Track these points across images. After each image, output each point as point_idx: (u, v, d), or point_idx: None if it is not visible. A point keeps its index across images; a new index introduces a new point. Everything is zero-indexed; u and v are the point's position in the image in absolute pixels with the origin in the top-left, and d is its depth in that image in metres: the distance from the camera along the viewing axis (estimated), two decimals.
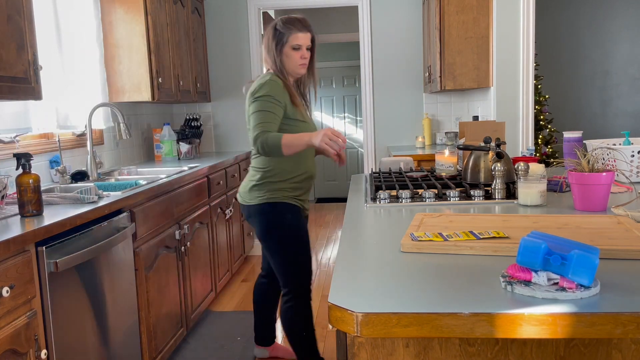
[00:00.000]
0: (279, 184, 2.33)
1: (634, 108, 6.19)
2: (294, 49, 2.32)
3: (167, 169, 3.49)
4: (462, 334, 0.90)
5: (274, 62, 2.34)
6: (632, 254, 1.15)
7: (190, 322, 3.11)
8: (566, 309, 0.89)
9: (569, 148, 2.24)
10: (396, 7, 4.69)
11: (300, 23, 2.33)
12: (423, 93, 4.75)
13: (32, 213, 1.94)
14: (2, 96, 2.03)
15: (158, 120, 4.52)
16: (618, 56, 6.12)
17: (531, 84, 3.76)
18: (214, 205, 3.65)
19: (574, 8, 6.11)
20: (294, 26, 2.31)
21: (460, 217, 1.55)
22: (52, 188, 2.56)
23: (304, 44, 2.33)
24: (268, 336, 2.82)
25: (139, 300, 2.47)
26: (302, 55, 2.34)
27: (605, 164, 2.04)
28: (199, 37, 4.49)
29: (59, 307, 1.85)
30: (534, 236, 1.01)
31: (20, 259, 1.67)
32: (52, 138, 2.97)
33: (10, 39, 2.08)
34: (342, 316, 0.94)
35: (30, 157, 1.97)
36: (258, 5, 4.74)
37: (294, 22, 2.33)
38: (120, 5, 3.39)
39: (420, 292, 1.01)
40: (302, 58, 2.34)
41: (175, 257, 2.93)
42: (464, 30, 3.89)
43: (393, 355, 1.01)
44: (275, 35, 2.33)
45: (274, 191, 2.33)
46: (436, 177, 2.31)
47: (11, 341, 1.60)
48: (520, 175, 1.78)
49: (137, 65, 3.42)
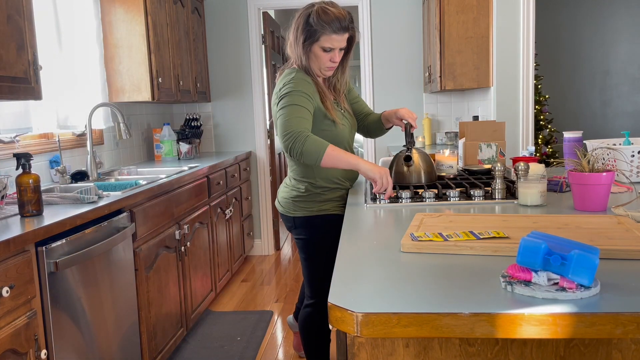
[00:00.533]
0: (328, 194, 2.14)
1: (634, 108, 6.19)
2: (324, 50, 2.03)
3: (167, 169, 3.49)
4: (462, 334, 0.90)
5: (299, 56, 2.06)
6: (632, 254, 1.15)
7: (190, 322, 3.11)
8: (566, 309, 0.89)
9: (569, 148, 2.24)
10: (396, 7, 4.69)
11: (339, 22, 1.99)
12: (423, 93, 4.75)
13: (32, 213, 1.94)
14: (2, 96, 2.03)
15: (158, 120, 4.52)
16: (618, 56, 6.12)
17: (531, 84, 3.76)
18: (214, 205, 3.65)
19: (574, 8, 6.11)
20: (329, 26, 1.99)
21: (460, 217, 1.55)
22: (52, 188, 2.56)
23: (337, 47, 2.03)
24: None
25: (139, 300, 2.47)
26: (331, 58, 2.05)
27: (605, 164, 2.04)
28: (199, 37, 4.49)
29: (59, 307, 1.85)
30: (534, 236, 1.01)
31: (20, 259, 1.67)
32: (52, 138, 2.97)
33: (10, 39, 2.08)
34: (342, 316, 0.94)
35: (30, 157, 1.97)
36: (258, 5, 4.74)
37: (331, 20, 1.99)
38: (120, 5, 3.39)
39: (420, 292, 1.01)
40: (331, 61, 2.06)
41: (175, 257, 2.93)
42: (464, 30, 3.89)
43: (393, 355, 1.01)
44: (305, 29, 2.01)
45: (323, 202, 2.14)
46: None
47: (11, 341, 1.60)
48: (520, 175, 1.79)
49: (137, 65, 3.42)
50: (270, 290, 4.01)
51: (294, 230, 2.23)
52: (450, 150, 2.35)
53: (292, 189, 2.20)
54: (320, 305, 2.25)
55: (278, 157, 5.40)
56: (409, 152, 2.11)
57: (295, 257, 4.88)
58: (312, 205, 2.15)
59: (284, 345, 3.08)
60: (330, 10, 2.01)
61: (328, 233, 2.12)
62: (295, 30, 2.06)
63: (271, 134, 5.09)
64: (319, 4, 2.05)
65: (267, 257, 4.93)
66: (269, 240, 5.01)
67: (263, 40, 4.87)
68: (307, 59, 2.06)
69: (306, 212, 2.16)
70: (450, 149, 2.38)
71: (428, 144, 4.60)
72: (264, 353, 2.99)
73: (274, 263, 4.72)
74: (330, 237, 2.09)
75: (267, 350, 3.03)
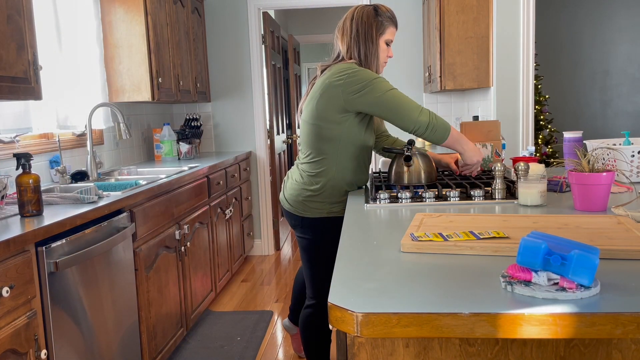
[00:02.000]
0: (337, 197, 2.13)
1: (634, 108, 6.19)
2: (387, 43, 2.13)
3: (167, 169, 3.49)
4: (462, 334, 0.90)
5: (366, 49, 2.08)
6: (632, 254, 1.15)
7: (190, 322, 3.11)
8: (566, 309, 0.89)
9: (569, 148, 2.24)
10: (396, 7, 4.69)
11: (395, 17, 2.14)
12: (423, 93, 4.75)
13: (32, 213, 1.94)
14: (2, 96, 2.03)
15: (158, 120, 4.52)
16: (618, 56, 6.12)
17: (531, 84, 3.76)
18: (214, 205, 3.65)
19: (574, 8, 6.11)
20: (392, 20, 2.12)
21: (460, 217, 1.55)
22: (52, 188, 2.56)
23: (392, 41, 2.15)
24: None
25: (139, 300, 2.47)
26: (389, 53, 2.15)
27: (606, 164, 2.04)
28: (199, 37, 4.49)
29: (59, 307, 1.85)
30: (534, 236, 1.01)
31: (20, 259, 1.67)
32: (52, 138, 2.97)
33: (10, 39, 2.08)
34: (342, 316, 0.94)
35: (30, 157, 1.97)
36: (258, 5, 4.74)
37: (392, 16, 2.12)
38: (120, 5, 3.39)
39: (420, 292, 1.01)
40: (387, 56, 2.15)
41: (175, 257, 2.93)
42: (464, 30, 3.89)
43: (393, 356, 1.01)
44: (375, 22, 2.09)
45: (334, 204, 2.12)
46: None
47: (11, 341, 1.60)
48: (520, 175, 1.79)
49: (137, 65, 3.42)
50: (270, 290, 4.01)
51: (298, 229, 2.21)
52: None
53: (303, 187, 2.15)
54: (320, 306, 2.25)
55: (278, 157, 5.40)
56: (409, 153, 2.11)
57: (296, 257, 4.88)
58: (323, 206, 2.13)
59: (284, 345, 3.08)
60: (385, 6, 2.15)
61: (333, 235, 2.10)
62: (361, 22, 2.08)
63: (271, 134, 5.08)
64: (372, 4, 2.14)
65: (267, 257, 4.93)
66: (269, 240, 5.01)
67: (263, 40, 4.87)
68: (375, 51, 2.09)
69: (316, 214, 2.14)
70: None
71: (428, 144, 4.60)
72: (264, 353, 2.99)
73: (274, 263, 4.72)
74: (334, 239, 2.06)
75: (267, 350, 3.03)
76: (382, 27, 2.09)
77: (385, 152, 2.29)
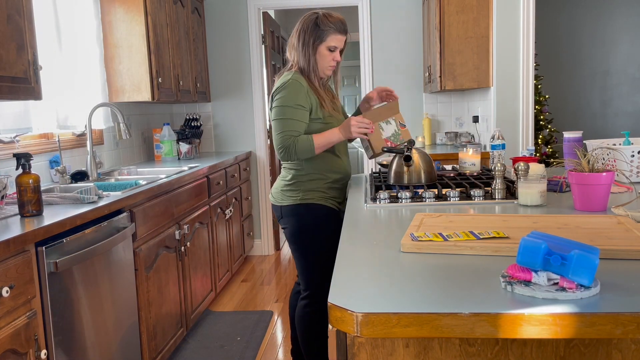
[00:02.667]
0: (312, 184, 2.25)
1: (634, 108, 6.19)
2: (330, 50, 2.22)
3: (167, 169, 3.49)
4: (462, 334, 0.90)
5: (305, 57, 2.23)
6: (632, 254, 1.15)
7: (190, 322, 3.11)
8: (566, 309, 0.89)
9: (569, 148, 2.24)
10: (396, 7, 4.69)
11: (341, 24, 2.23)
12: (423, 93, 4.75)
13: (32, 213, 1.94)
14: (2, 96, 2.03)
15: (158, 120, 4.52)
16: (618, 56, 6.12)
17: (531, 84, 3.76)
18: (213, 205, 3.65)
19: (574, 8, 6.11)
20: (335, 26, 2.21)
21: (460, 217, 1.55)
22: (52, 188, 2.56)
23: (339, 47, 2.24)
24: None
25: (139, 300, 2.47)
26: (334, 57, 2.25)
27: (605, 164, 2.04)
28: (199, 37, 4.49)
29: (59, 307, 1.85)
30: (534, 236, 1.01)
31: (20, 259, 1.67)
32: (52, 138, 2.97)
33: (10, 39, 2.08)
34: (342, 316, 0.94)
35: (30, 157, 1.97)
36: (258, 5, 4.74)
37: (336, 22, 2.22)
38: (120, 5, 3.39)
39: (420, 292, 1.01)
40: (333, 60, 2.25)
41: (175, 257, 2.93)
42: (464, 30, 3.89)
43: (393, 356, 1.01)
44: (315, 31, 2.21)
45: (307, 191, 2.24)
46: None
47: (11, 341, 1.60)
48: (520, 175, 1.79)
49: (137, 65, 3.42)
50: (270, 290, 4.01)
51: (281, 220, 2.34)
52: (473, 149, 2.40)
53: (281, 179, 2.34)
54: (313, 299, 2.30)
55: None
56: (409, 152, 2.11)
57: None
58: (297, 194, 2.26)
59: (284, 345, 3.08)
60: (334, 14, 2.25)
61: (312, 223, 2.25)
62: (302, 32, 2.23)
63: (271, 134, 5.08)
64: (322, 11, 2.26)
65: (267, 257, 4.93)
66: (269, 240, 5.01)
67: (263, 40, 4.87)
68: (314, 60, 2.23)
69: (291, 201, 2.26)
70: (474, 148, 2.43)
71: (428, 144, 4.60)
72: (264, 353, 2.99)
73: (274, 263, 4.72)
74: (315, 227, 2.24)
75: (267, 350, 3.03)
76: (322, 36, 2.21)
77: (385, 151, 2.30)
